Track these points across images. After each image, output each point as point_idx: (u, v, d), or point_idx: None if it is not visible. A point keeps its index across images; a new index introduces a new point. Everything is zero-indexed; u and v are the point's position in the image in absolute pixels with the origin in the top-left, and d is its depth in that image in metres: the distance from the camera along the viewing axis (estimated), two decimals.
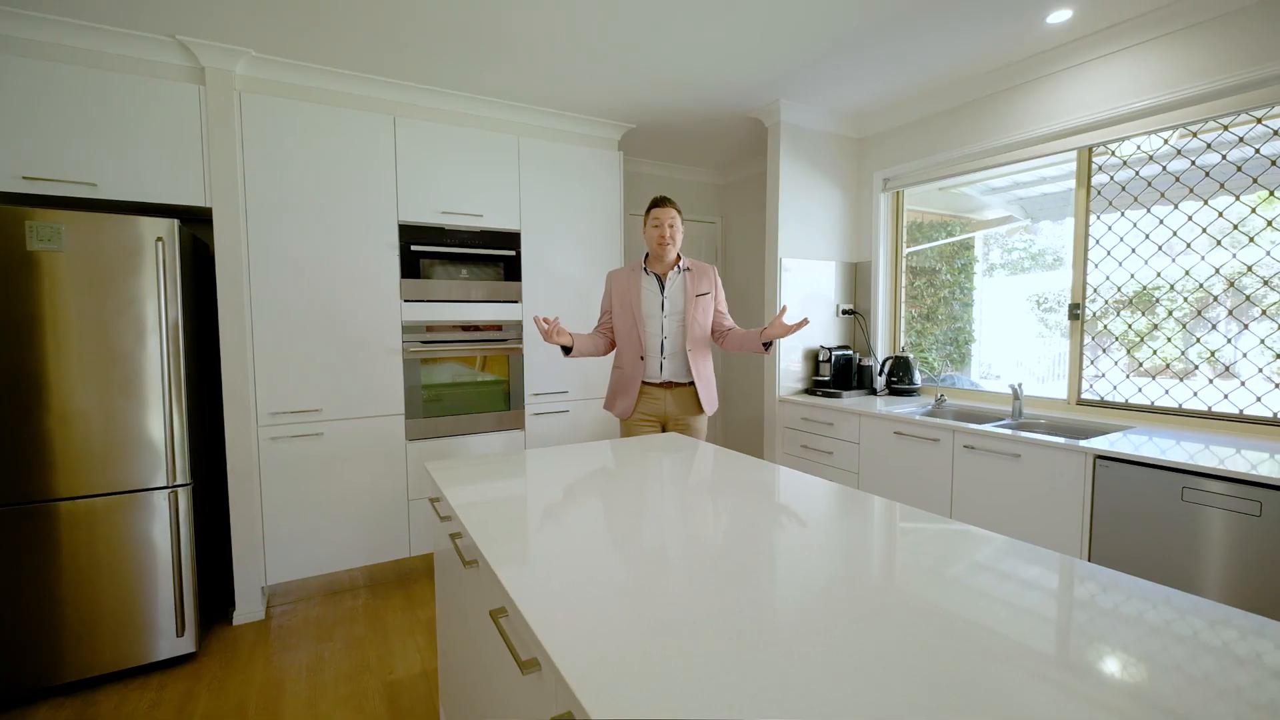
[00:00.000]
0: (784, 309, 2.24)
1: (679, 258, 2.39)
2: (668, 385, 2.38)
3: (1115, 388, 2.39)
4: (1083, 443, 1.88)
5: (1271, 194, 1.96)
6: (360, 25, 2.22)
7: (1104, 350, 2.43)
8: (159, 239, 2.09)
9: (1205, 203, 2.11)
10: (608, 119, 3.26)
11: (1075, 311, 2.48)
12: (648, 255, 2.41)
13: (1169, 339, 2.24)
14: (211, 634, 2.41)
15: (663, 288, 2.37)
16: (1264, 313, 2.00)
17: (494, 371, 3.02)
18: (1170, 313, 2.24)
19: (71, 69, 2.15)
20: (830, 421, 2.83)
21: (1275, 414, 1.98)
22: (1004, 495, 2.10)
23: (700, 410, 2.41)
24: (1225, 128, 2.06)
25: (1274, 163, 1.95)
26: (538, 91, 2.87)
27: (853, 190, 3.38)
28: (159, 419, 2.11)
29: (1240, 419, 2.04)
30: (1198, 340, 2.17)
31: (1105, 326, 2.42)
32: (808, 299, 3.26)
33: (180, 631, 2.16)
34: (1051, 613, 0.79)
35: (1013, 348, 2.95)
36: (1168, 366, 2.25)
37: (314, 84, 2.61)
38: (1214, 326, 2.13)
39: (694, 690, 0.64)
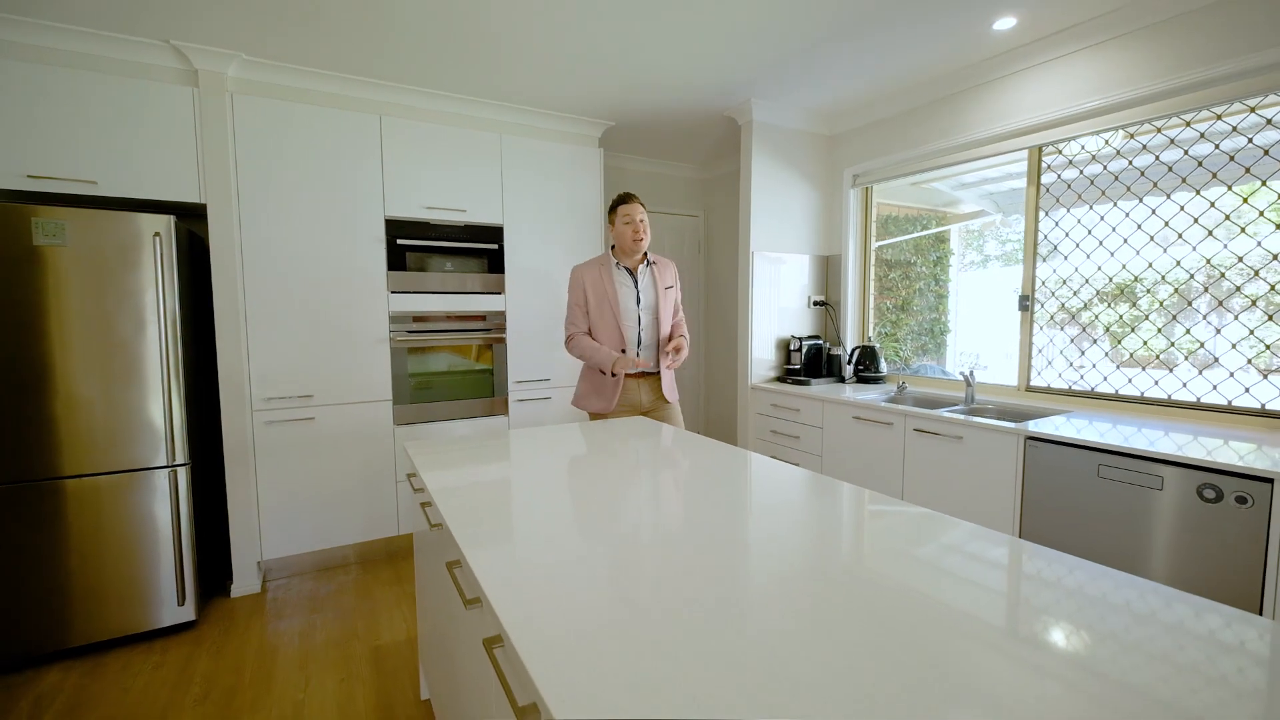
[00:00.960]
0: (678, 348, 2.42)
1: (645, 253, 2.46)
2: (641, 376, 2.46)
3: (1060, 375, 2.53)
4: (1014, 425, 2.03)
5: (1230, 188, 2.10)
6: (346, 29, 2.34)
7: (1070, 340, 2.56)
8: (156, 234, 2.22)
9: (1170, 196, 2.24)
10: (588, 117, 3.38)
11: (1025, 303, 2.62)
12: (613, 248, 2.46)
13: (1132, 329, 2.38)
14: (210, 605, 2.57)
15: (636, 282, 2.45)
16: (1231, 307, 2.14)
17: (478, 360, 3.16)
18: (1134, 304, 2.38)
19: (72, 73, 2.27)
20: (797, 408, 2.98)
21: (1199, 399, 2.12)
22: (948, 474, 2.25)
23: (663, 398, 2.48)
24: (1158, 129, 2.19)
25: (1232, 158, 2.08)
26: (519, 91, 2.99)
27: (824, 186, 3.50)
28: (159, 403, 2.25)
29: (1170, 404, 2.19)
30: (1133, 331, 2.31)
31: (1095, 317, 2.53)
32: (780, 291, 3.40)
33: (181, 601, 2.32)
34: (1002, 587, 0.87)
35: (995, 338, 3.02)
36: (1132, 356, 2.39)
37: (302, 85, 2.73)
38: (1148, 318, 2.27)
39: (666, 662, 0.68)
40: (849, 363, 3.31)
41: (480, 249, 3.12)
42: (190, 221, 2.76)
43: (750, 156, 3.21)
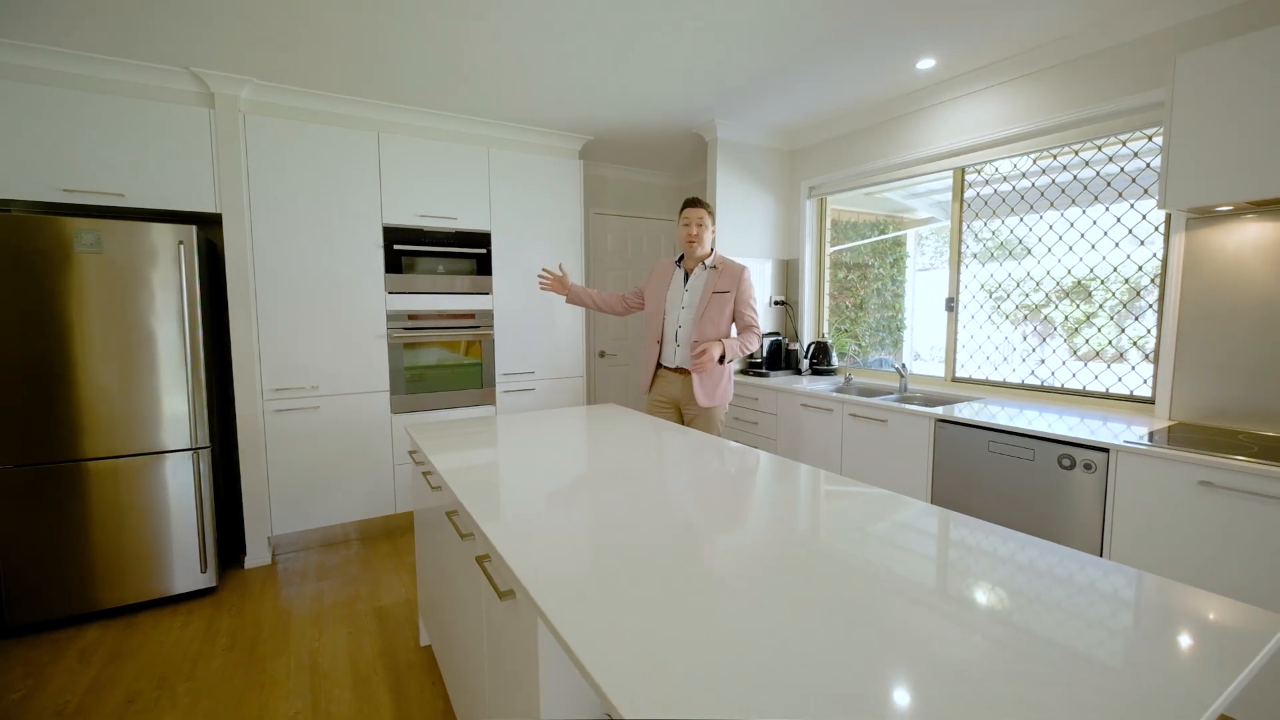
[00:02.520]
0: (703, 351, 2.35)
1: (709, 254, 2.55)
2: (680, 371, 2.55)
3: (979, 367, 2.90)
4: (928, 409, 2.38)
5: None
6: (347, 57, 2.62)
7: (999, 333, 2.93)
8: (181, 242, 2.51)
9: (1072, 208, 2.60)
10: (569, 132, 3.69)
11: (950, 305, 2.98)
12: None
13: (1028, 319, 2.75)
14: (227, 575, 2.86)
15: (686, 281, 2.57)
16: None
17: (468, 354, 3.47)
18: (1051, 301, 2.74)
19: (102, 97, 2.54)
20: (756, 397, 3.32)
21: (1085, 387, 2.49)
22: (877, 452, 2.61)
23: (694, 400, 2.49)
24: (1054, 157, 2.55)
25: (1109, 183, 2.43)
26: (505, 110, 3.29)
27: (784, 196, 3.85)
28: (184, 392, 2.54)
29: (1061, 391, 2.56)
30: (1021, 333, 2.68)
31: (1046, 316, 2.91)
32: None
33: (204, 569, 2.62)
34: (930, 552, 1.05)
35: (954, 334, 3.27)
36: (1035, 350, 2.76)
37: (308, 105, 3.01)
38: (1045, 316, 2.64)
39: (620, 563, 1.09)
40: (805, 357, 3.66)
41: (470, 253, 3.42)
42: (206, 228, 3.04)
43: (715, 171, 3.54)
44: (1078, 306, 2.52)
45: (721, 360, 2.42)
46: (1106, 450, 1.83)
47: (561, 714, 0.95)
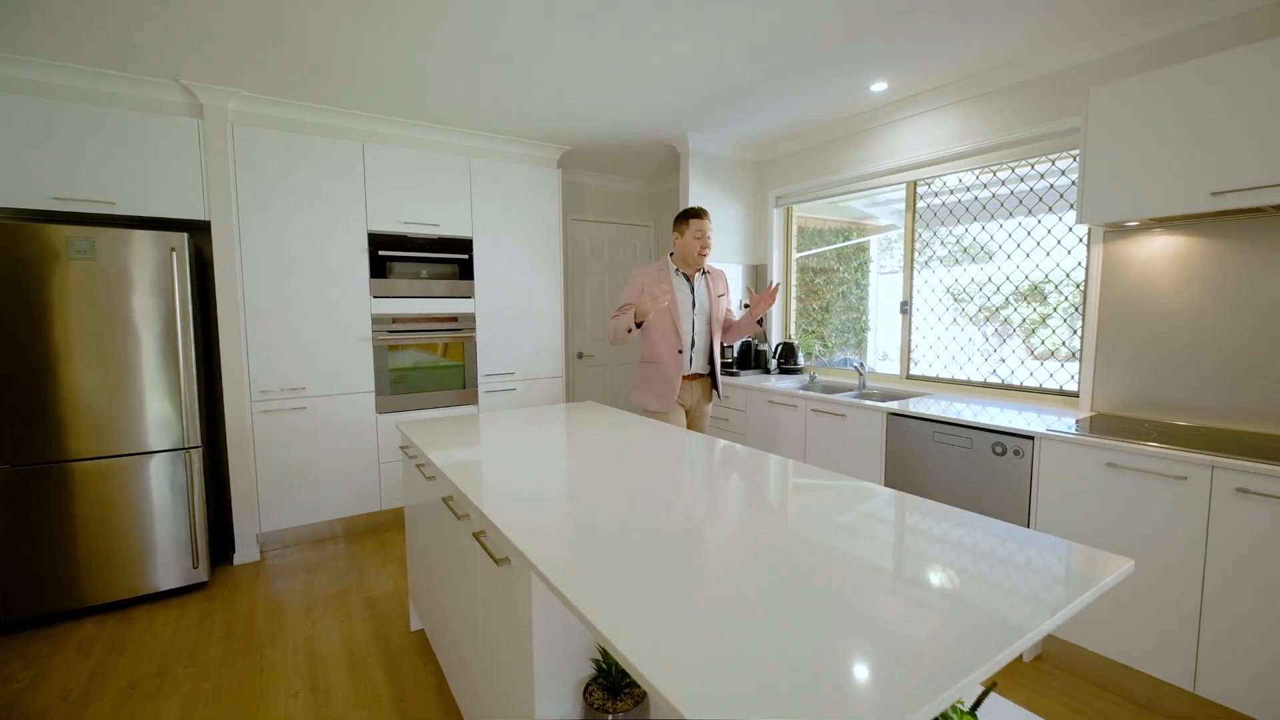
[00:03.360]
0: (775, 285, 2.60)
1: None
2: (692, 377, 2.65)
3: (946, 366, 3.14)
4: (882, 404, 2.60)
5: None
6: (331, 70, 2.73)
7: (948, 333, 3.16)
8: (173, 249, 2.60)
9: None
10: (547, 142, 3.84)
11: (905, 308, 3.22)
12: (672, 255, 2.65)
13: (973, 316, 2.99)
14: (216, 571, 2.95)
15: (693, 288, 2.64)
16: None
17: (451, 356, 3.60)
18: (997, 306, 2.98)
19: (94, 108, 2.61)
20: (727, 395, 3.52)
21: (1021, 383, 2.74)
22: (836, 443, 2.82)
23: (711, 397, 2.72)
24: (994, 173, 2.80)
25: (1040, 198, 2.69)
26: (486, 122, 3.43)
27: (753, 205, 4.06)
28: (176, 394, 2.63)
29: (1003, 386, 2.80)
30: (960, 334, 2.92)
31: (1006, 317, 3.14)
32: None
33: (196, 564, 2.70)
34: (887, 536, 1.30)
35: (926, 336, 3.53)
36: (986, 342, 2.99)
37: (295, 116, 3.12)
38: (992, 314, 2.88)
39: (600, 533, 1.26)
40: (773, 357, 3.87)
41: (452, 259, 3.55)
42: (195, 235, 3.10)
43: (688, 180, 3.73)
44: (1035, 309, 2.76)
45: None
46: (1032, 438, 2.06)
47: (551, 661, 1.12)
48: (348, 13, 2.15)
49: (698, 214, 2.58)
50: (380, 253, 3.32)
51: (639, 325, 2.49)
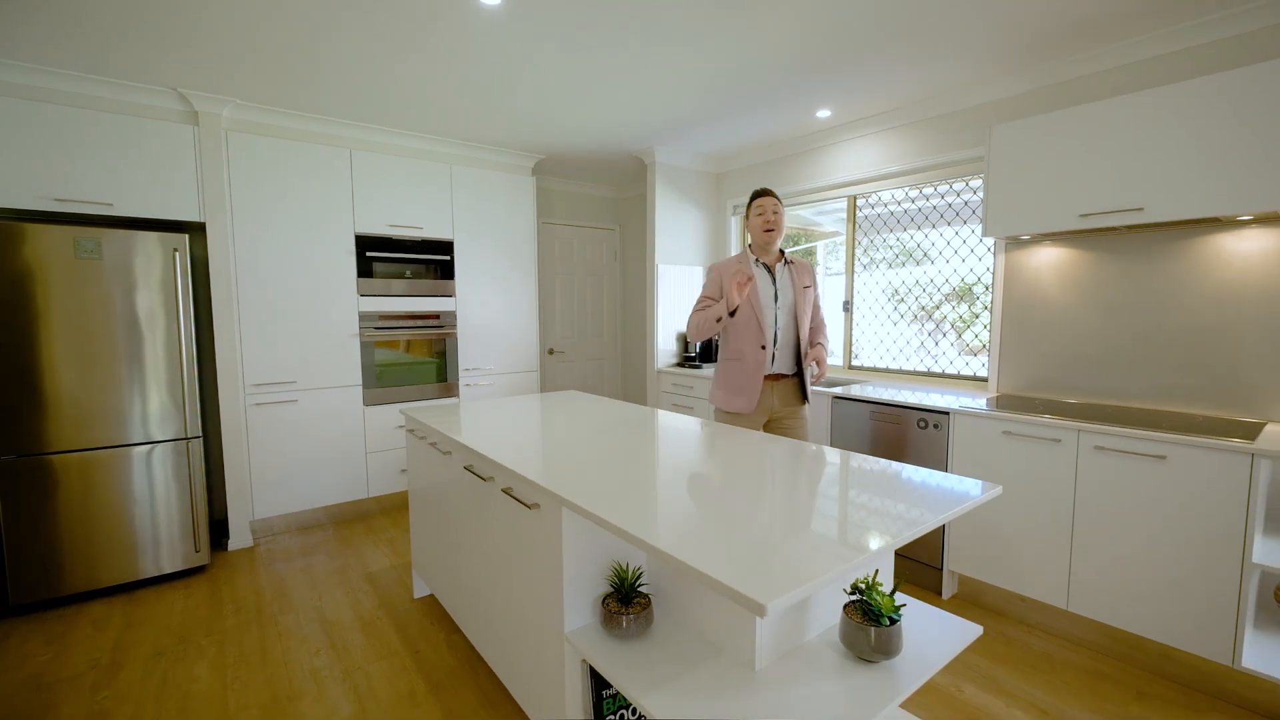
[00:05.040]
0: (820, 372, 2.37)
1: (782, 251, 2.46)
2: (775, 378, 2.37)
3: (881, 357, 3.59)
4: (829, 389, 3.01)
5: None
6: (321, 82, 2.91)
7: (884, 328, 3.61)
8: (175, 250, 2.74)
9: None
10: (523, 151, 4.10)
11: (847, 306, 3.66)
12: (750, 246, 2.45)
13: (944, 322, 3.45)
14: (213, 556, 3.09)
15: (774, 280, 2.40)
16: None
17: (433, 352, 3.82)
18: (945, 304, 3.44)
19: (94, 113, 2.73)
20: (691, 385, 3.88)
21: (944, 371, 3.21)
22: None
23: (802, 400, 2.43)
24: (920, 190, 3.26)
25: (957, 213, 3.15)
26: (466, 132, 3.67)
27: (712, 212, 4.44)
28: (179, 387, 2.77)
29: (929, 374, 3.27)
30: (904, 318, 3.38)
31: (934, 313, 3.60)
32: (679, 295, 4.29)
33: (197, 548, 2.85)
34: (829, 474, 1.78)
35: (865, 331, 4.03)
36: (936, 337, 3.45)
37: (286, 124, 3.28)
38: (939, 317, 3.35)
39: (604, 484, 1.57)
40: None
41: (434, 260, 3.77)
42: (191, 235, 3.23)
43: (654, 190, 4.07)
44: (968, 308, 3.20)
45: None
46: (948, 414, 2.50)
47: (576, 582, 1.42)
48: (338, 29, 2.34)
49: (759, 193, 2.39)
50: (367, 253, 3.52)
51: (732, 315, 2.27)
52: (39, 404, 2.48)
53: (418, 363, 3.76)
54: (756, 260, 2.41)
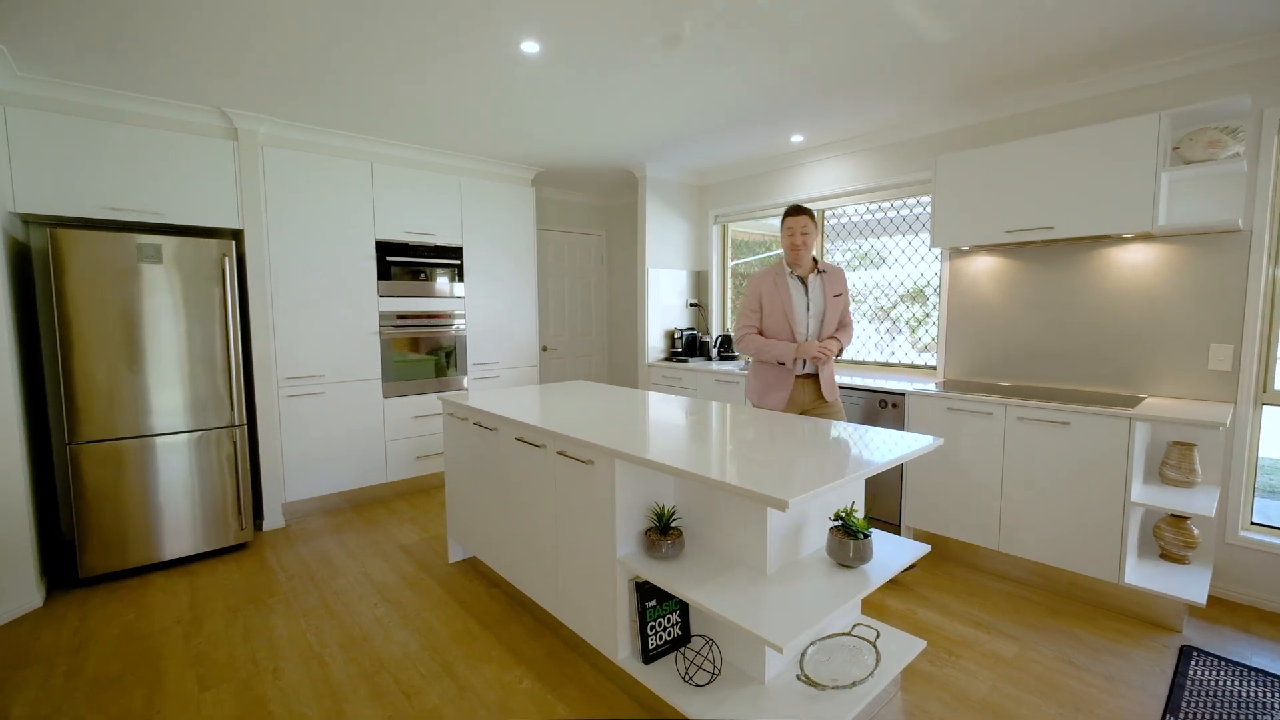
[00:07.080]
0: (826, 352, 2.58)
1: (815, 261, 2.68)
2: (806, 378, 2.68)
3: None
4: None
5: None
6: (346, 102, 3.23)
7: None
8: (224, 254, 3.03)
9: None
10: (525, 165, 4.48)
11: None
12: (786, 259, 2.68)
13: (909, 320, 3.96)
14: (253, 534, 3.36)
15: (807, 290, 2.65)
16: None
17: (444, 348, 4.15)
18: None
19: (145, 130, 2.99)
20: (680, 377, 4.32)
21: (902, 361, 3.74)
22: None
23: (823, 398, 2.68)
24: (879, 204, 3.78)
25: (910, 225, 3.68)
26: (474, 147, 4.02)
27: (697, 221, 4.90)
28: (229, 379, 3.06)
29: (888, 364, 3.79)
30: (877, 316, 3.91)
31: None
32: (666, 296, 4.73)
33: (243, 526, 3.14)
34: (810, 435, 2.23)
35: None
36: (913, 330, 3.97)
37: (314, 140, 3.58)
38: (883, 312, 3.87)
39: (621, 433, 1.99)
40: (714, 346, 4.72)
41: (446, 263, 4.11)
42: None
43: (645, 201, 4.50)
44: (920, 309, 3.73)
45: (838, 355, 2.68)
46: (904, 395, 3.00)
47: (624, 519, 1.84)
48: (365, 56, 2.67)
49: (791, 211, 2.57)
50: (387, 258, 3.84)
51: (796, 362, 2.60)
52: (106, 395, 2.74)
53: (431, 358, 4.09)
54: (791, 272, 2.65)
